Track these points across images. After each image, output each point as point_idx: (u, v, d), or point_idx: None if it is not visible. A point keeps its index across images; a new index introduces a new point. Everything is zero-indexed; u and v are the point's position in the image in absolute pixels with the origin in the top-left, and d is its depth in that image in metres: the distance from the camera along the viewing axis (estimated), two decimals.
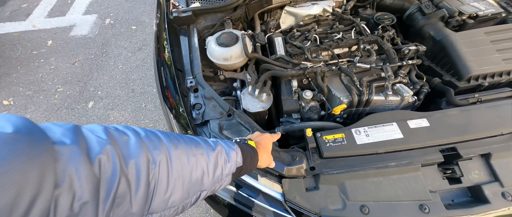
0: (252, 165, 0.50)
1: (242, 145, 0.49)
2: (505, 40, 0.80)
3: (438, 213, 0.59)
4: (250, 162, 0.49)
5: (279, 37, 0.93)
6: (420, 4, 0.92)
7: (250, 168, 0.50)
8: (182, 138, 0.38)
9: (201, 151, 0.38)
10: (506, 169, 0.62)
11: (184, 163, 0.34)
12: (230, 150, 0.44)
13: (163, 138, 0.34)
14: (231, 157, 0.43)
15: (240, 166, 0.45)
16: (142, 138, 0.31)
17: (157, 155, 0.31)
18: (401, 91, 0.77)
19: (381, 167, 0.62)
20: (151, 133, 0.33)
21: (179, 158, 0.34)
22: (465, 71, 0.76)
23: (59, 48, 2.36)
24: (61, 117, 1.83)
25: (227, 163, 0.42)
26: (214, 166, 0.39)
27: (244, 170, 0.47)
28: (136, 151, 0.29)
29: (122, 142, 0.29)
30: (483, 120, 0.67)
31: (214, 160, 0.40)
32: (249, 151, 0.50)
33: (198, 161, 0.37)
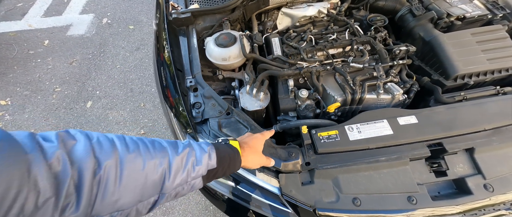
0: (232, 167, 0.49)
1: (221, 146, 0.49)
2: (490, 41, 0.84)
3: (425, 204, 0.63)
4: (228, 164, 0.48)
5: (276, 38, 0.96)
6: (410, 6, 0.96)
7: (229, 170, 0.48)
8: (142, 142, 0.38)
9: (163, 154, 0.39)
10: (488, 162, 0.66)
11: (137, 167, 0.35)
12: (201, 153, 0.44)
13: (118, 142, 0.35)
14: (201, 159, 0.43)
15: (213, 168, 0.45)
16: (92, 143, 0.33)
17: (104, 160, 0.32)
18: (392, 90, 0.81)
19: (372, 161, 0.66)
20: (104, 138, 0.35)
21: (132, 162, 0.35)
22: (452, 71, 0.80)
23: (56, 47, 2.35)
24: (60, 117, 1.83)
25: (195, 166, 0.42)
26: (176, 170, 0.39)
27: (220, 172, 0.47)
28: (81, 155, 0.31)
29: (69, 146, 0.31)
30: (468, 117, 0.71)
31: (177, 164, 0.40)
32: (228, 152, 0.49)
33: (156, 164, 0.37)
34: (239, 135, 0.73)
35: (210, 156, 0.45)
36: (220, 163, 0.46)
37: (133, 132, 1.73)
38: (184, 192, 0.43)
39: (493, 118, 0.70)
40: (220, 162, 0.46)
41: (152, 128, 1.74)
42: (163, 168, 0.38)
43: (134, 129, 1.74)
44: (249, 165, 0.54)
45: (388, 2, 1.03)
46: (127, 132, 1.73)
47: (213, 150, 0.46)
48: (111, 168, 0.33)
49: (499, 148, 0.67)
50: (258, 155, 0.57)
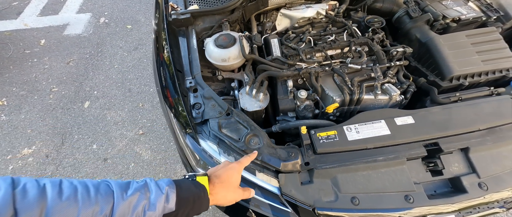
0: (196, 209, 0.44)
1: (185, 184, 0.44)
2: (484, 43, 0.86)
3: (421, 203, 0.64)
4: (192, 206, 0.43)
5: (275, 39, 0.97)
6: (407, 8, 0.97)
7: (193, 212, 0.44)
8: (84, 186, 0.36)
9: (106, 200, 0.36)
10: (482, 161, 0.68)
11: (70, 215, 0.33)
12: (157, 195, 0.40)
13: (49, 189, 0.33)
14: (155, 203, 0.39)
15: (171, 212, 0.41)
16: (15, 192, 0.31)
17: (25, 211, 0.30)
18: (390, 91, 0.82)
19: (370, 161, 0.67)
20: (32, 185, 0.32)
21: (63, 212, 0.32)
22: (448, 72, 0.82)
23: (52, 47, 2.33)
24: (57, 117, 1.81)
25: (147, 211, 0.38)
26: (121, 215, 0.36)
27: (180, 215, 0.42)
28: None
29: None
30: (463, 117, 0.73)
31: (123, 210, 0.36)
32: (192, 192, 0.44)
33: (95, 212, 0.34)
34: (239, 135, 0.74)
35: (168, 197, 0.41)
36: (180, 206, 0.41)
37: (132, 132, 1.72)
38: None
39: (487, 118, 0.72)
40: (180, 205, 0.41)
41: (151, 128, 1.74)
42: (104, 214, 0.35)
43: (132, 129, 1.73)
44: (220, 203, 0.49)
45: (385, 4, 1.04)
46: (125, 133, 1.72)
47: (173, 190, 0.42)
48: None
49: (493, 147, 0.69)
50: (232, 190, 0.50)
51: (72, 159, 1.62)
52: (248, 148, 0.71)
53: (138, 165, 1.56)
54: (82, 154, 1.64)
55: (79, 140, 1.70)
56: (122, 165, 1.57)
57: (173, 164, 1.56)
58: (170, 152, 1.61)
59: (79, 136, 1.72)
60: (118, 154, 1.63)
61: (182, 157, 0.96)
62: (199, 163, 0.83)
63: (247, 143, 0.72)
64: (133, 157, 1.61)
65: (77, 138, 1.71)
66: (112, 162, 1.59)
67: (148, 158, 1.60)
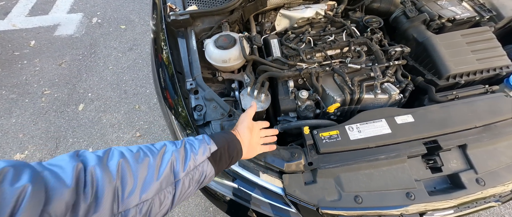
0: (232, 147, 0.53)
1: (214, 133, 0.56)
2: (478, 42, 0.89)
3: (422, 200, 0.66)
4: (228, 144, 0.53)
5: (275, 39, 0.97)
6: (404, 8, 0.99)
7: (231, 151, 0.53)
8: (144, 146, 0.44)
9: (164, 150, 0.44)
10: (479, 157, 0.70)
11: (146, 162, 0.41)
12: (198, 141, 0.49)
13: (124, 150, 0.41)
14: (200, 145, 0.48)
15: (215, 151, 0.50)
16: (100, 155, 0.38)
17: (114, 164, 0.38)
18: (389, 90, 0.83)
19: (372, 160, 0.68)
20: (111, 151, 0.40)
21: (141, 161, 0.40)
22: (445, 70, 0.84)
23: (43, 48, 2.26)
24: (50, 121, 1.76)
25: (198, 150, 0.47)
26: (182, 158, 0.45)
27: (224, 154, 0.51)
28: (92, 161, 0.36)
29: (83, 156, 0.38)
30: (460, 115, 0.75)
31: (180, 153, 0.45)
32: (222, 134, 0.55)
33: (162, 157, 0.43)
34: None
35: (207, 140, 0.50)
36: (218, 144, 0.51)
37: (129, 135, 1.69)
38: (197, 178, 0.47)
39: (483, 115, 0.74)
40: (218, 143, 0.51)
41: (148, 130, 1.71)
42: (170, 159, 0.43)
43: (129, 132, 1.70)
44: (248, 144, 0.58)
45: (383, 4, 1.06)
46: (121, 135, 1.69)
47: (207, 136, 0.52)
48: (124, 166, 0.38)
49: (489, 144, 0.71)
50: (252, 131, 0.61)
51: None
52: None
53: None
54: None
55: (74, 143, 1.66)
56: None
57: None
58: None
59: (74, 139, 1.67)
60: None
61: None
62: None
63: None
64: None
65: (72, 141, 1.66)
66: None
67: None
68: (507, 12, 0.96)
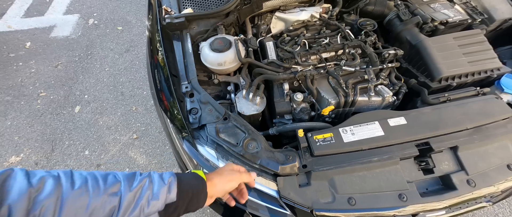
0: (195, 201, 0.46)
1: (185, 177, 0.46)
2: (470, 45, 0.90)
3: (414, 201, 0.67)
4: (190, 198, 0.45)
5: (270, 42, 0.98)
6: (398, 11, 1.00)
7: (192, 205, 0.45)
8: (93, 177, 0.38)
9: (114, 190, 0.38)
10: (470, 159, 0.71)
11: (81, 204, 0.35)
12: (160, 186, 0.42)
13: (63, 179, 0.35)
14: (158, 193, 0.41)
15: (172, 202, 0.42)
16: (31, 182, 0.33)
17: (42, 200, 0.32)
18: (383, 92, 0.84)
19: (366, 162, 0.69)
20: (48, 176, 0.35)
21: (76, 200, 0.35)
22: (437, 73, 0.85)
23: (39, 50, 2.25)
24: (46, 123, 1.75)
25: (151, 201, 0.40)
26: (127, 206, 0.38)
27: (181, 207, 0.44)
28: (13, 196, 0.31)
29: (4, 187, 0.32)
30: (452, 117, 0.76)
31: (129, 200, 0.39)
32: (192, 184, 0.46)
33: (105, 201, 0.37)
34: (237, 140, 0.74)
35: (170, 188, 0.42)
36: (181, 197, 0.43)
37: (125, 137, 1.69)
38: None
39: (474, 117, 0.75)
40: (180, 196, 0.43)
41: (145, 132, 1.71)
42: (113, 205, 0.37)
43: (126, 134, 1.70)
44: (218, 193, 0.51)
45: (377, 7, 1.07)
46: (118, 137, 1.68)
47: (174, 182, 0.43)
48: (49, 206, 0.32)
49: (480, 145, 0.72)
50: (229, 178, 0.52)
51: (63, 166, 1.57)
52: (246, 152, 0.72)
53: (133, 170, 1.53)
54: (73, 161, 1.59)
55: (70, 146, 1.65)
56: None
57: (169, 168, 1.54)
58: (166, 156, 1.59)
59: (70, 142, 1.67)
60: (111, 159, 1.59)
61: (179, 161, 0.96)
62: (197, 167, 0.83)
63: (245, 147, 0.72)
64: (128, 162, 1.58)
65: (68, 144, 1.66)
66: (106, 168, 1.56)
67: (143, 162, 1.58)
68: (498, 15, 0.98)
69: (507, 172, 0.70)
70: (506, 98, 0.83)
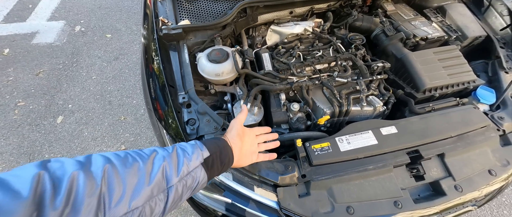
0: (224, 153, 0.52)
1: (206, 140, 0.54)
2: (448, 59, 0.99)
3: (408, 208, 0.70)
4: (220, 150, 0.51)
5: (266, 53, 1.00)
6: (383, 27, 1.08)
7: (224, 157, 0.52)
8: (133, 151, 0.42)
9: (155, 155, 0.42)
10: (456, 165, 0.76)
11: (135, 167, 0.38)
12: (191, 146, 0.48)
13: (111, 155, 0.38)
14: (193, 150, 0.47)
15: (207, 156, 0.48)
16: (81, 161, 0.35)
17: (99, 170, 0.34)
18: (374, 102, 0.89)
19: (362, 170, 0.71)
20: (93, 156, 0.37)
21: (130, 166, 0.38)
22: (421, 84, 0.92)
23: (18, 57, 2.12)
24: (24, 135, 1.63)
25: (191, 155, 0.46)
26: (174, 163, 0.43)
27: (216, 160, 0.50)
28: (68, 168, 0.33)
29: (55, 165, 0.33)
30: (437, 126, 0.81)
31: (173, 158, 0.44)
32: (213, 141, 0.54)
33: (152, 162, 0.41)
34: None
35: (200, 146, 0.49)
36: (211, 150, 0.50)
37: (113, 148, 1.60)
38: (190, 185, 0.45)
39: (457, 126, 0.81)
40: (210, 149, 0.50)
41: (134, 142, 1.64)
42: (162, 164, 0.41)
43: (113, 145, 1.62)
44: (241, 151, 0.57)
45: (364, 22, 1.14)
46: (105, 149, 1.60)
47: (199, 142, 0.50)
48: (111, 172, 0.35)
49: (464, 152, 0.78)
50: (244, 137, 0.60)
51: None
52: None
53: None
54: None
55: None
56: None
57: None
58: None
59: (50, 155, 1.55)
60: None
61: None
62: None
63: None
64: None
65: (48, 157, 1.53)
66: None
67: None
68: (470, 33, 1.09)
69: (489, 177, 0.75)
70: (482, 107, 0.91)
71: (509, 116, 0.86)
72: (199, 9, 1.05)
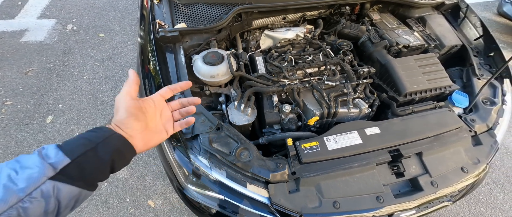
0: (108, 146, 0.37)
1: (67, 141, 0.37)
2: (427, 66, 1.07)
3: (389, 202, 0.75)
4: (97, 147, 0.36)
5: (260, 57, 1.05)
6: (369, 35, 1.16)
7: (108, 152, 0.36)
8: None
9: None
10: (432, 163, 0.83)
11: None
12: (30, 157, 0.33)
13: None
14: (29, 161, 0.32)
15: (67, 164, 0.33)
16: None
17: None
18: (360, 104, 0.95)
19: (347, 168, 0.77)
20: None
21: None
22: (402, 89, 0.99)
23: (6, 55, 2.06)
24: (11, 135, 1.58)
25: (20, 171, 0.31)
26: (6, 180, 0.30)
27: (91, 161, 0.35)
28: None
29: None
30: (416, 127, 0.88)
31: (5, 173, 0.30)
32: (83, 139, 0.37)
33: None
34: (230, 149, 0.77)
35: (51, 153, 0.33)
36: (73, 153, 0.34)
37: None
38: (41, 210, 0.31)
39: (433, 127, 0.89)
40: (71, 153, 0.34)
41: None
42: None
43: None
44: (144, 129, 0.41)
45: (352, 30, 1.22)
46: None
47: (52, 147, 0.34)
48: None
49: (439, 151, 0.85)
50: (140, 114, 0.41)
51: None
52: (239, 161, 0.75)
53: (113, 185, 1.44)
54: None
55: None
56: None
57: (153, 181, 1.48)
58: (149, 168, 1.53)
59: None
60: None
61: (169, 171, 0.94)
62: (188, 178, 0.83)
63: (237, 156, 0.75)
64: None
65: None
66: None
67: (124, 176, 1.49)
68: (447, 42, 1.18)
69: (461, 174, 0.83)
70: (457, 111, 0.99)
71: (480, 118, 0.95)
72: (195, 13, 1.09)
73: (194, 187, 0.83)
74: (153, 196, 1.41)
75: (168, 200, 1.39)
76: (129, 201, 1.38)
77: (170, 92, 0.49)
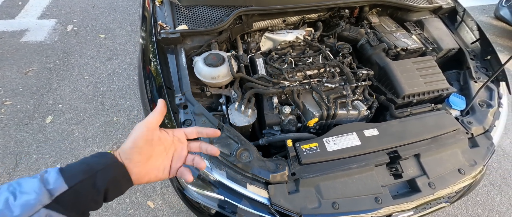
0: (106, 175, 0.35)
1: (70, 165, 0.36)
2: (425, 68, 1.08)
3: (388, 203, 0.76)
4: (96, 175, 0.35)
5: (260, 59, 1.06)
6: (368, 37, 1.17)
7: (103, 182, 0.35)
8: None
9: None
10: (430, 164, 0.84)
11: None
12: (26, 183, 0.32)
13: None
14: (27, 187, 0.31)
15: (64, 191, 0.32)
16: None
17: None
18: (359, 106, 0.96)
19: (346, 169, 0.78)
20: None
21: None
22: (401, 91, 1.00)
23: (6, 55, 2.07)
24: (10, 135, 1.58)
25: (16, 197, 0.30)
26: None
27: (88, 190, 0.34)
28: None
29: None
30: (414, 129, 0.89)
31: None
32: (85, 164, 0.35)
33: None
34: (230, 150, 0.78)
35: (51, 178, 0.33)
36: (73, 179, 0.33)
37: (104, 148, 1.59)
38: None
39: (431, 129, 0.90)
40: (72, 178, 0.33)
41: None
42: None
43: (105, 146, 1.61)
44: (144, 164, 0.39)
45: (351, 33, 1.24)
46: (96, 149, 1.58)
47: (54, 171, 0.34)
48: None
49: (437, 153, 0.86)
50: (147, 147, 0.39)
51: None
52: (239, 162, 0.75)
53: None
54: None
55: (39, 160, 1.50)
56: None
57: (153, 184, 1.48)
58: None
59: (38, 155, 1.52)
60: None
61: None
62: None
63: (238, 157, 0.76)
64: None
65: (36, 158, 1.50)
66: None
67: None
68: (445, 45, 1.20)
69: (458, 176, 0.84)
70: (454, 113, 1.01)
71: (477, 121, 0.96)
72: (196, 15, 1.10)
73: (194, 187, 0.83)
74: (152, 196, 1.41)
75: (167, 200, 1.40)
76: (129, 201, 1.38)
77: (196, 135, 0.47)
